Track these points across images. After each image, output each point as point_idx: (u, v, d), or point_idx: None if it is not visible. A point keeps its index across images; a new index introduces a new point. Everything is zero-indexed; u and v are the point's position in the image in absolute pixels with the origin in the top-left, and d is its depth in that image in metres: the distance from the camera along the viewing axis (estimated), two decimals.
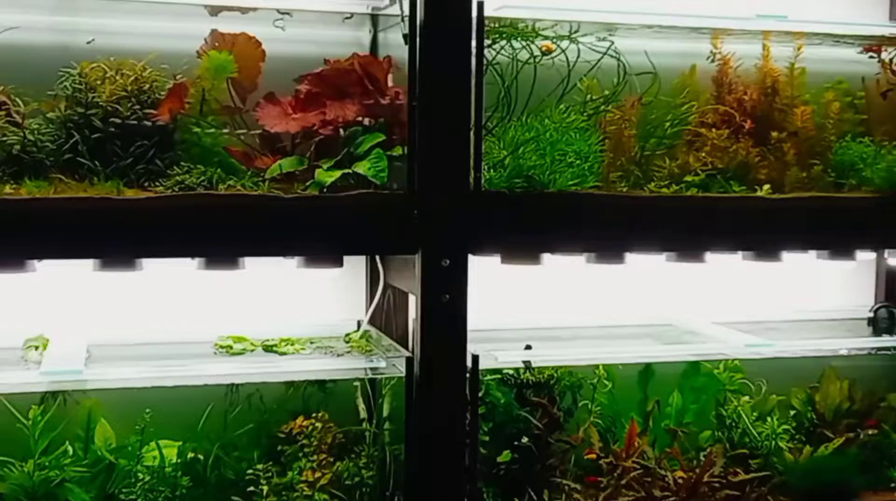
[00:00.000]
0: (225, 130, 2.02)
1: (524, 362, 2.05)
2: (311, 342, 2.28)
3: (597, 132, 2.08)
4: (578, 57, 2.14)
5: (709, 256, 2.17)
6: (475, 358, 1.98)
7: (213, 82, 2.00)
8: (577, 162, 2.03)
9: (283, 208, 1.88)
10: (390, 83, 2.03)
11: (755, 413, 2.30)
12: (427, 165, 1.92)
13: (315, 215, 1.90)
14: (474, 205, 1.95)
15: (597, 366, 2.21)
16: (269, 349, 2.21)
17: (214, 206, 1.85)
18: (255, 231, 1.87)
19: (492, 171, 1.99)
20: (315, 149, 2.02)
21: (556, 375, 2.14)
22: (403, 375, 1.97)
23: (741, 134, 2.20)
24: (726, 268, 2.32)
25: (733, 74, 2.24)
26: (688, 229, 2.08)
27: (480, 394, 2.05)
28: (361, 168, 1.93)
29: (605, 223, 2.04)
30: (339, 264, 2.03)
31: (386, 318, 2.37)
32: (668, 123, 2.10)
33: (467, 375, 1.98)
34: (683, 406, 2.29)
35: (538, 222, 2.00)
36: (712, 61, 2.28)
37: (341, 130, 1.99)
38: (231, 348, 2.20)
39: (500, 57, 2.09)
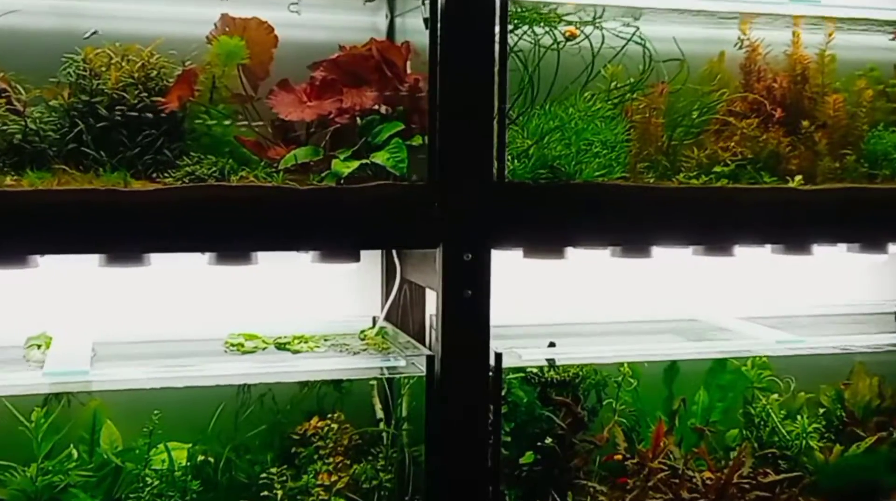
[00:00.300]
0: (236, 121, 1.94)
1: (548, 360, 1.97)
2: (326, 340, 2.20)
3: (623, 121, 2.00)
4: (603, 43, 2.05)
5: (737, 249, 2.10)
6: (498, 357, 1.90)
7: (223, 69, 1.91)
8: (604, 152, 1.95)
9: (297, 201, 1.79)
10: (409, 70, 1.94)
11: (783, 411, 2.22)
12: (448, 156, 1.84)
13: (331, 207, 1.81)
14: (497, 197, 1.87)
15: (621, 364, 2.13)
16: (281, 346, 2.12)
17: (226, 198, 1.76)
18: (268, 225, 1.79)
19: (515, 161, 1.91)
20: (330, 138, 1.94)
21: (581, 373, 2.07)
22: (424, 374, 1.89)
23: (771, 123, 2.12)
24: (748, 261, 2.24)
25: (762, 61, 2.16)
26: (717, 221, 2.00)
27: (503, 393, 1.97)
28: (380, 159, 1.85)
29: (632, 216, 1.96)
30: (356, 258, 1.95)
31: (402, 314, 2.29)
32: (696, 112, 2.02)
33: (490, 373, 1.90)
34: (710, 404, 2.22)
35: (563, 215, 1.92)
36: (740, 48, 2.19)
37: (358, 119, 1.90)
38: (242, 346, 2.11)
39: (522, 43, 2.00)
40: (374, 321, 2.29)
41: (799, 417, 2.17)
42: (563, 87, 2.04)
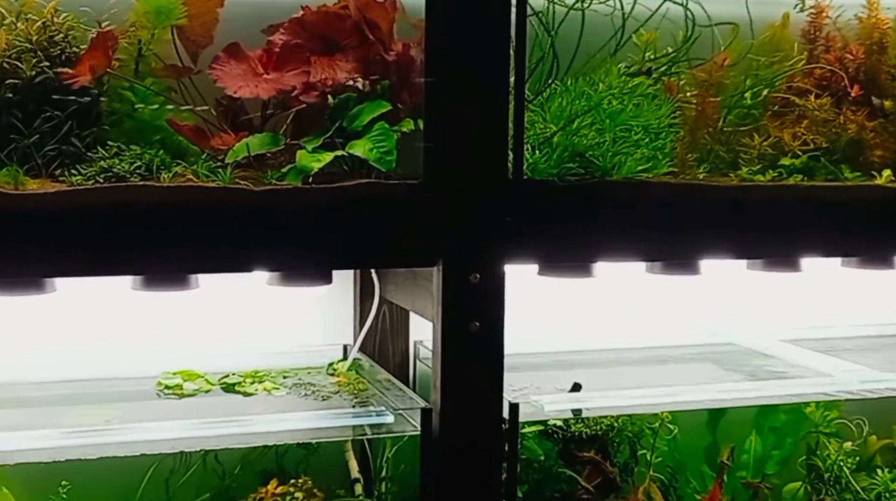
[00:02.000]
0: (170, 100, 1.48)
1: (574, 411, 1.54)
2: (286, 376, 1.75)
3: (668, 100, 1.57)
4: (635, 2, 1.62)
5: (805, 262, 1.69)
6: (514, 408, 1.47)
7: (152, 32, 1.45)
8: (646, 140, 1.52)
9: (251, 206, 1.34)
10: (395, 35, 1.49)
11: (850, 459, 1.82)
12: (450, 146, 1.40)
13: (296, 215, 1.36)
14: (514, 199, 1.43)
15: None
16: (230, 388, 1.68)
17: (155, 203, 1.31)
18: (211, 238, 1.34)
19: (536, 152, 1.47)
20: (293, 122, 1.49)
21: (615, 424, 1.64)
22: (418, 432, 1.45)
23: (845, 103, 1.70)
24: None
25: (831, 27, 1.74)
26: (793, 228, 1.58)
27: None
28: (359, 149, 1.40)
29: (685, 222, 1.53)
30: (327, 280, 1.51)
31: (380, 340, 1.85)
32: (761, 89, 1.60)
33: (503, 427, 1.47)
34: (764, 453, 1.80)
35: (598, 221, 1.49)
36: (801, 10, 1.77)
37: (330, 98, 1.45)
38: (180, 388, 1.66)
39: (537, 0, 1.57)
40: (346, 350, 1.85)
41: (881, 471, 1.76)
42: (586, 57, 1.61)
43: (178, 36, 1.50)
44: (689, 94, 1.60)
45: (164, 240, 1.32)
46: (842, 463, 1.75)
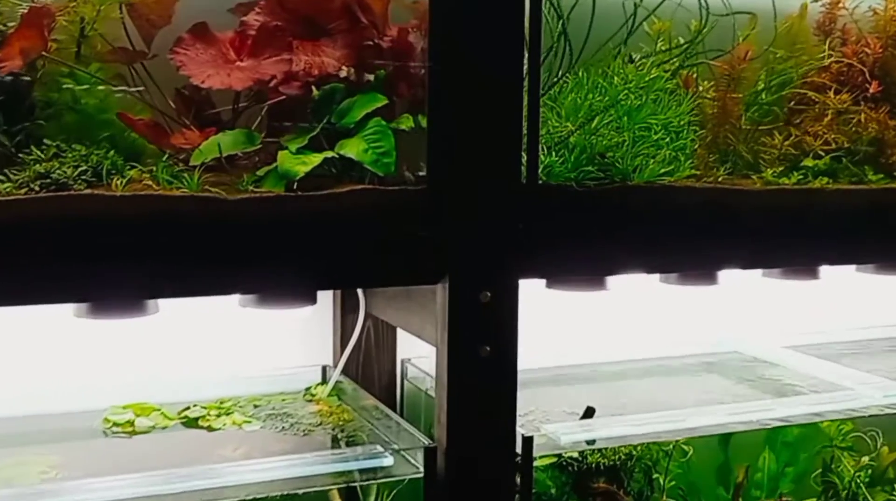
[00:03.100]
0: (120, 90, 1.25)
1: (589, 441, 1.38)
2: (256, 406, 1.54)
3: (687, 96, 1.41)
4: None
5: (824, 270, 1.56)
6: (527, 442, 1.29)
7: (97, 8, 1.22)
8: (666, 139, 1.36)
9: (224, 218, 1.13)
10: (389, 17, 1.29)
11: (862, 473, 1.71)
12: (456, 147, 1.21)
13: (279, 227, 1.15)
14: (528, 207, 1.25)
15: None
16: (191, 423, 1.46)
17: (106, 216, 1.08)
18: (176, 258, 1.12)
19: (552, 154, 1.29)
20: (270, 117, 1.28)
21: (634, 453, 1.48)
22: (421, 474, 1.26)
23: (863, 99, 1.58)
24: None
25: (848, 20, 1.62)
26: (814, 233, 1.45)
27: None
28: (352, 150, 1.20)
29: (708, 229, 1.38)
30: (311, 300, 1.30)
31: (364, 359, 1.65)
32: (783, 84, 1.46)
33: (516, 461, 1.30)
34: (778, 470, 1.68)
35: (622, 231, 1.32)
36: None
37: (314, 89, 1.24)
38: (130, 425, 1.43)
39: None
40: (325, 372, 1.65)
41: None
42: (596, 47, 1.44)
43: (130, 13, 1.27)
44: (709, 88, 1.44)
45: (118, 261, 1.09)
46: (858, 480, 1.64)
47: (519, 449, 1.29)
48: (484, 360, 1.25)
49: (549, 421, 1.45)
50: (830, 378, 1.68)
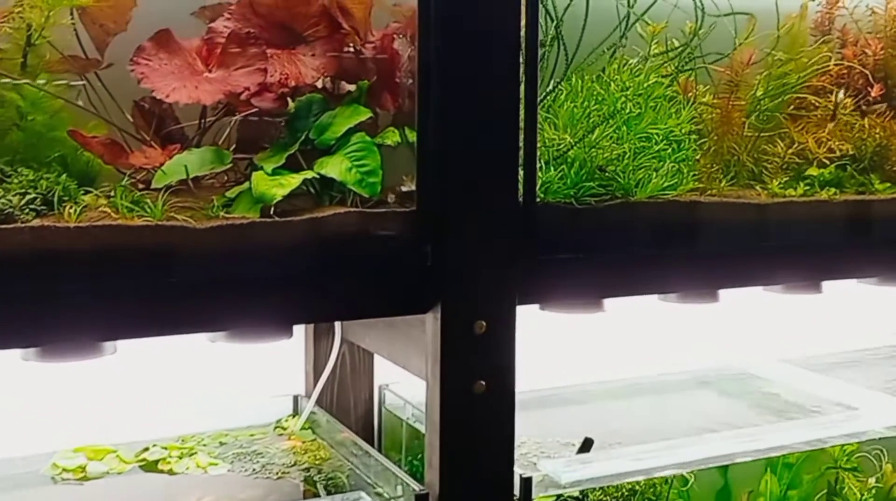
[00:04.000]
0: (72, 103, 1.12)
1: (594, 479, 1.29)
2: (222, 443, 1.42)
3: (687, 103, 1.32)
4: None
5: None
6: (526, 483, 1.20)
7: (46, 14, 1.09)
8: (668, 151, 1.27)
9: (192, 248, 1.01)
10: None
11: (868, 495, 1.64)
12: (448, 163, 1.11)
13: (254, 257, 1.04)
14: (526, 227, 1.15)
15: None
16: (150, 466, 1.33)
17: (58, 251, 0.96)
18: (139, 295, 0.99)
19: (550, 169, 1.19)
20: (241, 132, 1.16)
21: (637, 488, 1.39)
22: None
23: (865, 104, 1.51)
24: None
25: (847, 20, 1.54)
26: (826, 248, 1.37)
27: None
28: (334, 170, 1.08)
29: (713, 247, 1.29)
30: (287, 334, 1.19)
31: (339, 387, 1.54)
32: (791, 89, 1.38)
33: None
34: (781, 495, 1.60)
35: (627, 251, 1.23)
36: None
37: (289, 101, 1.13)
38: (81, 470, 1.30)
39: None
40: (297, 402, 1.53)
41: None
42: (589, 51, 1.35)
43: (82, 19, 1.14)
44: (705, 92, 1.36)
45: (71, 302, 0.97)
46: None
47: (517, 491, 1.19)
48: (479, 396, 1.15)
49: (544, 454, 1.36)
50: (834, 396, 1.61)
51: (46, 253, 0.95)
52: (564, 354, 1.67)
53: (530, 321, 1.32)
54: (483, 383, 1.15)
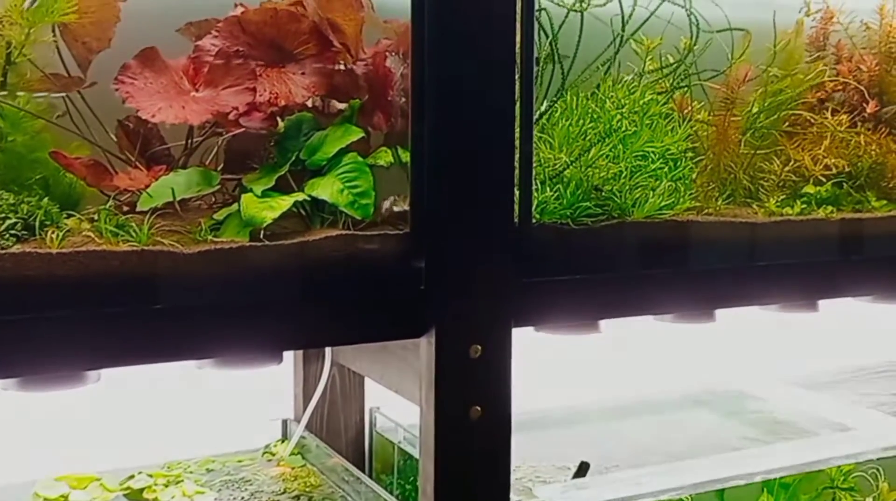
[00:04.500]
0: (54, 123, 1.08)
1: None
2: (209, 470, 1.38)
3: (684, 121, 1.30)
4: (635, 6, 1.35)
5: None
6: None
7: (27, 31, 1.06)
8: (664, 169, 1.25)
9: (180, 274, 0.97)
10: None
11: None
12: (442, 183, 1.08)
13: (244, 282, 1.00)
14: (522, 248, 1.13)
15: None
16: (135, 495, 1.29)
17: (40, 279, 0.92)
18: (125, 323, 0.96)
19: (546, 189, 1.17)
20: (228, 152, 1.13)
21: None
22: None
23: (860, 120, 1.49)
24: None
25: (843, 35, 1.53)
26: (823, 267, 1.35)
27: None
28: (325, 191, 1.05)
29: (710, 267, 1.27)
30: (277, 359, 1.15)
31: (329, 410, 1.51)
32: (787, 105, 1.36)
33: None
34: None
35: (621, 272, 1.20)
36: (807, 14, 1.55)
37: (279, 120, 1.10)
38: (64, 499, 1.26)
39: None
40: (286, 426, 1.50)
41: None
42: (583, 68, 1.32)
43: (64, 36, 1.11)
44: (700, 108, 1.34)
45: (54, 331, 0.93)
46: None
47: None
48: (475, 422, 1.12)
49: (540, 479, 1.33)
50: (830, 416, 1.59)
51: (27, 280, 0.92)
52: (558, 374, 1.64)
53: (524, 341, 1.30)
54: (479, 408, 1.12)
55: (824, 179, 1.40)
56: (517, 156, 1.11)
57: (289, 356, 1.50)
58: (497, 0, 1.08)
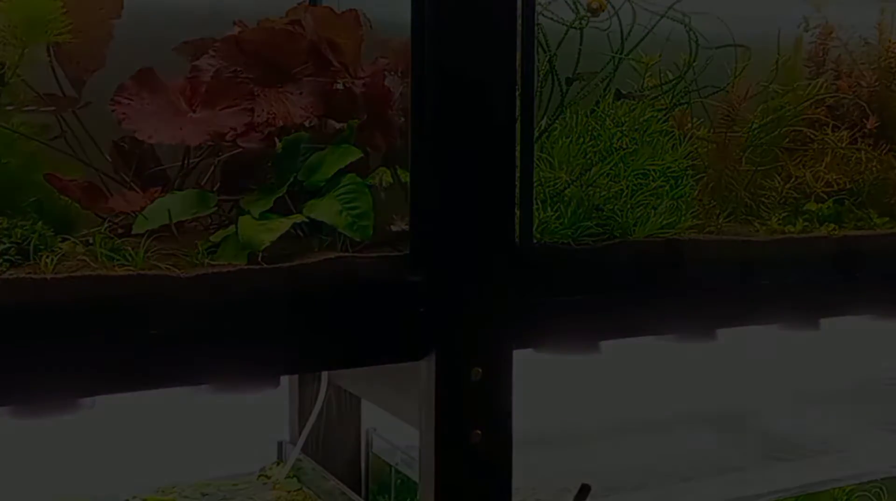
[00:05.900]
0: (47, 144, 1.07)
1: None
2: (204, 494, 1.36)
3: (685, 138, 1.29)
4: (634, 23, 1.34)
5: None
6: None
7: (22, 50, 1.04)
8: (666, 187, 1.24)
9: (177, 298, 0.95)
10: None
11: None
12: (441, 206, 1.06)
13: (242, 307, 0.98)
14: (523, 270, 1.11)
15: None
16: None
17: (34, 304, 0.90)
18: (121, 349, 0.94)
19: (547, 209, 1.15)
20: (224, 172, 1.11)
21: None
22: None
23: (860, 136, 1.48)
24: None
25: (843, 51, 1.52)
26: (825, 285, 1.34)
27: None
28: (324, 213, 1.04)
29: (713, 286, 1.26)
30: (273, 383, 1.13)
31: (325, 431, 1.49)
32: (787, 121, 1.35)
33: None
34: None
35: (625, 292, 1.19)
36: (805, 29, 1.54)
37: (276, 140, 1.08)
38: None
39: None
40: (281, 448, 1.48)
41: None
42: (583, 86, 1.31)
43: (57, 56, 1.09)
44: (698, 125, 1.33)
45: (48, 357, 0.91)
46: None
47: None
48: (475, 446, 1.10)
49: None
50: (833, 435, 1.58)
51: (21, 306, 0.90)
52: (559, 394, 1.62)
53: (525, 360, 1.29)
54: (479, 432, 1.11)
55: (826, 196, 1.39)
56: (517, 175, 1.10)
57: (285, 377, 1.48)
58: (497, 18, 1.07)
